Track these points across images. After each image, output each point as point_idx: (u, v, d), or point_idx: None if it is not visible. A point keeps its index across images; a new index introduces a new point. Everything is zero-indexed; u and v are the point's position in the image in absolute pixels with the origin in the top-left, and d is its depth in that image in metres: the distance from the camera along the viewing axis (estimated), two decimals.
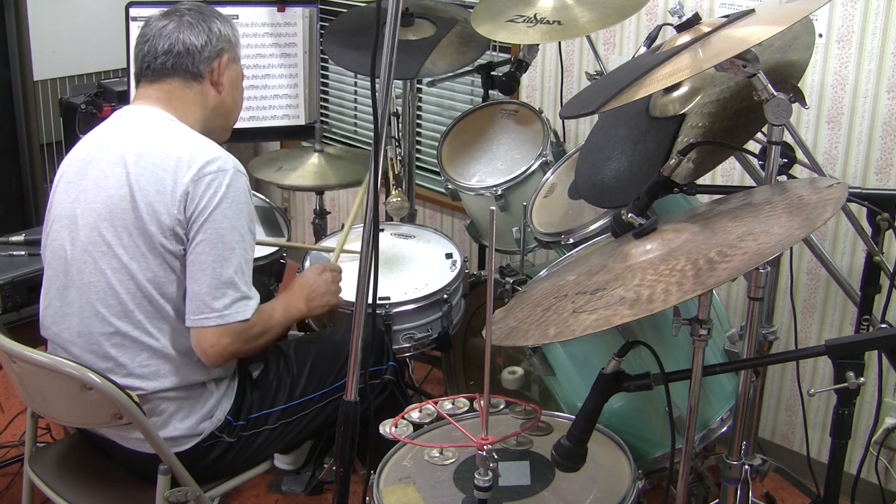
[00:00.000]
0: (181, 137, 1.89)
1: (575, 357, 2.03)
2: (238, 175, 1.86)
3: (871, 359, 1.68)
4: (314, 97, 3.09)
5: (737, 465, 1.84)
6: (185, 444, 1.91)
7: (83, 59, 3.86)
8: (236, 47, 2.03)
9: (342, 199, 3.97)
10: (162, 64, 1.93)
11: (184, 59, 1.93)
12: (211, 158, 1.84)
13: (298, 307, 2.08)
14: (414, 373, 3.10)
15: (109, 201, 1.84)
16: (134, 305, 1.84)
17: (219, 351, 1.85)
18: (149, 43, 1.94)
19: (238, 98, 2.07)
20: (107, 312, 1.85)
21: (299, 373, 2.09)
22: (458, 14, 2.82)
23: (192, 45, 1.93)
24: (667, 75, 1.55)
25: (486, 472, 1.50)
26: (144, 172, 1.83)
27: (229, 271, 1.83)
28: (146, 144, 1.86)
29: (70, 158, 1.96)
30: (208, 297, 1.82)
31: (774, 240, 1.34)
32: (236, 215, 1.84)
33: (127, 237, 1.83)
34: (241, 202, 1.85)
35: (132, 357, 1.86)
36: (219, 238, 1.82)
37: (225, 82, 2.00)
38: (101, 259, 1.84)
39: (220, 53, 1.98)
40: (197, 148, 1.86)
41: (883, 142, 2.42)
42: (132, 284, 1.83)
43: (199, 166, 1.82)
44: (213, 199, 1.81)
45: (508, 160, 2.62)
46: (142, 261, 1.83)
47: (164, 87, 1.95)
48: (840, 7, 2.40)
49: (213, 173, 1.83)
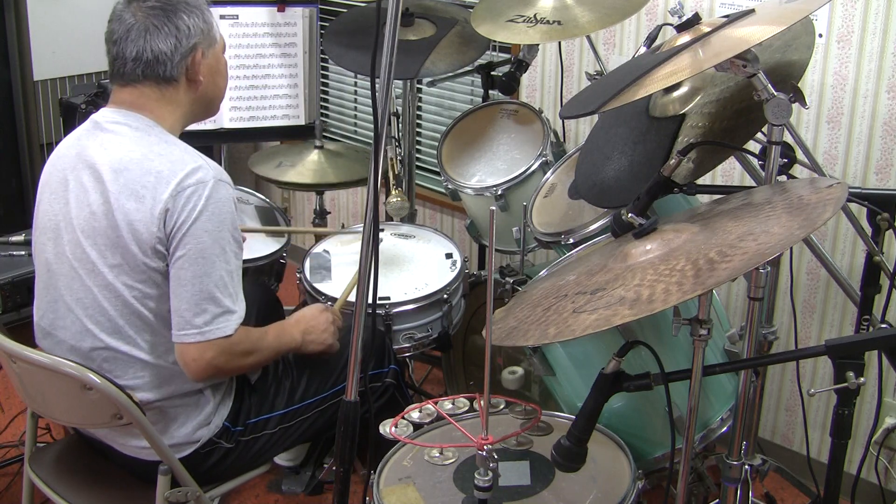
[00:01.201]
0: (160, 150, 1.82)
1: (575, 357, 2.03)
2: (219, 185, 1.79)
3: (871, 359, 1.68)
4: (314, 97, 3.09)
5: (737, 465, 1.84)
6: (183, 451, 1.90)
7: (83, 59, 3.86)
8: (211, 31, 1.90)
9: (342, 198, 3.97)
10: (132, 70, 1.84)
11: (154, 67, 1.83)
12: (190, 171, 1.78)
13: (293, 337, 2.02)
14: (414, 373, 3.10)
15: (91, 218, 1.80)
16: (123, 321, 1.82)
17: (202, 365, 1.80)
18: (117, 45, 1.84)
19: (220, 82, 1.97)
20: (96, 329, 1.83)
21: (299, 377, 2.08)
22: (458, 14, 2.82)
23: (161, 52, 1.82)
24: (667, 75, 1.55)
25: (486, 472, 1.49)
26: (124, 190, 1.77)
27: (209, 286, 1.78)
28: (125, 159, 1.80)
29: (52, 164, 1.91)
30: (188, 314, 1.77)
31: (774, 240, 1.34)
32: (217, 227, 1.78)
33: (110, 255, 1.79)
34: (222, 213, 1.79)
35: (125, 370, 1.84)
36: (199, 253, 1.77)
37: (203, 76, 1.89)
38: (87, 276, 1.81)
39: (192, 50, 1.85)
40: (176, 161, 1.79)
41: (883, 142, 2.42)
42: (119, 302, 1.80)
43: (178, 181, 1.76)
44: (192, 213, 1.75)
45: (508, 160, 2.62)
46: (126, 278, 1.79)
47: (137, 92, 1.86)
48: (840, 7, 2.39)
49: (193, 186, 1.76)
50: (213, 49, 1.92)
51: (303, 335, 2.04)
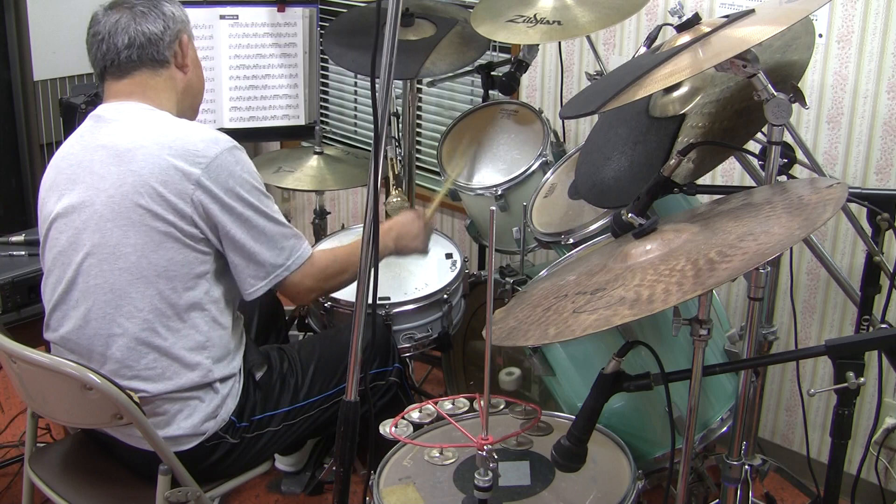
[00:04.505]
0: (171, 124, 1.89)
1: (575, 357, 2.03)
2: (236, 149, 1.88)
3: (871, 359, 1.68)
4: (314, 97, 3.09)
5: (737, 465, 1.84)
6: (187, 443, 1.90)
7: (83, 59, 3.84)
8: (188, 26, 2.01)
9: (342, 198, 3.97)
10: (127, 58, 1.90)
11: (148, 49, 1.91)
12: (210, 140, 1.85)
13: (386, 244, 2.10)
14: (414, 373, 3.10)
15: (111, 201, 1.82)
16: (143, 304, 1.83)
17: (302, 291, 1.96)
18: (105, 41, 1.91)
19: (201, 76, 2.07)
20: (115, 313, 1.84)
21: (303, 375, 2.08)
22: (458, 14, 2.82)
23: (153, 33, 1.91)
24: (667, 75, 1.55)
25: (486, 472, 1.50)
26: (146, 164, 1.81)
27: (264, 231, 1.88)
28: (138, 137, 1.85)
29: (55, 166, 1.93)
30: (270, 261, 1.89)
31: (774, 240, 1.34)
32: (250, 187, 1.87)
33: (134, 234, 1.81)
34: (251, 171, 1.89)
35: (138, 359, 1.85)
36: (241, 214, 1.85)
37: (189, 62, 1.99)
38: (107, 260, 1.83)
39: (178, 34, 1.96)
40: (192, 132, 1.87)
41: (883, 142, 2.42)
42: (141, 283, 1.82)
43: (201, 150, 1.83)
44: (227, 180, 1.83)
45: (508, 160, 2.62)
46: (152, 256, 1.81)
47: (136, 80, 1.92)
48: (840, 7, 2.39)
49: (217, 152, 1.83)
50: (193, 43, 2.03)
51: (396, 241, 2.15)
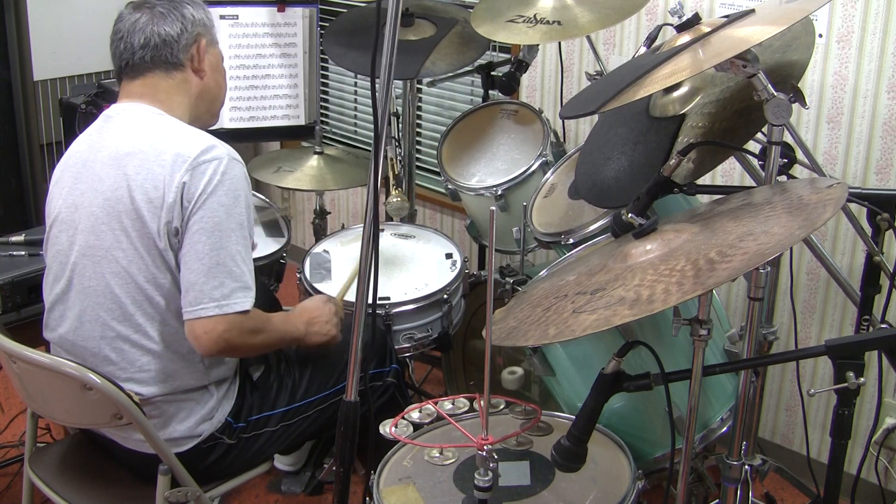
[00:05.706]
0: (173, 132, 1.87)
1: (575, 357, 2.03)
2: (233, 163, 1.83)
3: (871, 359, 1.68)
4: (314, 97, 3.09)
5: (737, 465, 1.84)
6: (184, 445, 1.91)
7: (83, 59, 3.86)
8: (212, 30, 1.99)
9: (342, 198, 3.97)
10: (141, 58, 1.90)
11: (162, 51, 1.90)
12: (205, 148, 1.82)
13: (297, 327, 2.01)
14: (414, 373, 3.10)
15: (106, 204, 1.83)
16: (134, 308, 1.83)
17: (213, 338, 1.78)
18: (124, 40, 1.91)
19: (221, 81, 2.04)
20: (107, 316, 1.84)
21: (301, 375, 2.08)
22: (458, 14, 2.82)
23: (169, 34, 1.90)
24: (667, 75, 1.55)
25: (486, 473, 1.49)
26: (140, 171, 1.81)
27: (226, 259, 1.78)
28: (139, 142, 1.85)
29: (64, 163, 1.95)
30: (206, 286, 1.77)
31: (774, 240, 1.34)
32: (232, 202, 1.80)
33: (125, 239, 1.81)
34: (237, 189, 1.81)
35: (132, 361, 1.85)
36: (214, 225, 1.78)
37: (206, 67, 1.97)
38: (100, 263, 1.83)
39: (197, 39, 1.94)
40: (191, 140, 1.84)
41: (883, 142, 2.42)
42: (132, 287, 1.82)
43: (194, 157, 1.80)
44: (207, 187, 1.78)
45: (508, 160, 2.62)
46: (140, 262, 1.81)
47: (148, 82, 1.92)
48: (840, 7, 2.39)
49: (208, 162, 1.80)
50: (215, 47, 2.01)
51: (306, 326, 2.03)
